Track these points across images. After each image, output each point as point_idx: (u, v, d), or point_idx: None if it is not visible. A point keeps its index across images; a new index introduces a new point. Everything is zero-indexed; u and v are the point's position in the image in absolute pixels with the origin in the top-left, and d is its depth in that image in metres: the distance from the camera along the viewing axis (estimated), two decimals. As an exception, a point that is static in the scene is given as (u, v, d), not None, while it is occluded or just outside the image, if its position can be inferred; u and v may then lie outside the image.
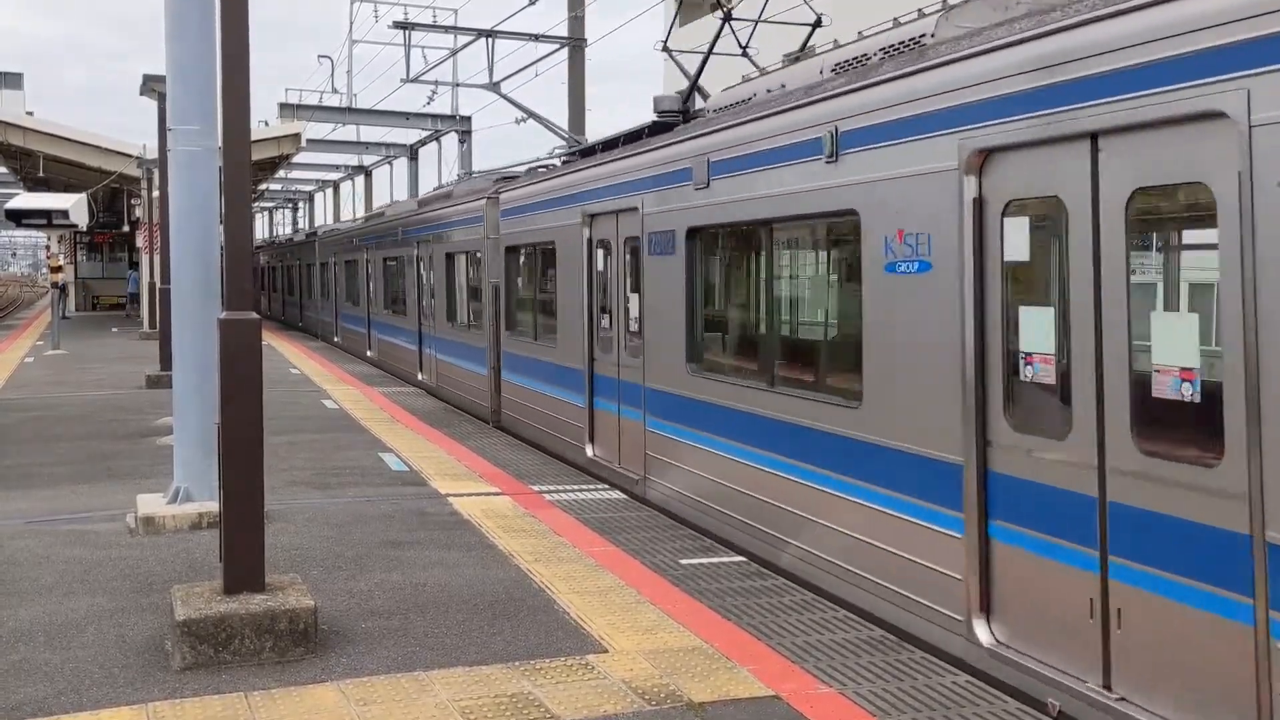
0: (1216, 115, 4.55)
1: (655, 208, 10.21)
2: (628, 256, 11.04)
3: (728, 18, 11.41)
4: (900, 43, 7.41)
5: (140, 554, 8.22)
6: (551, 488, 10.65)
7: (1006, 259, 5.82)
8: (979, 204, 5.93)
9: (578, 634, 6.46)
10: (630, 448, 10.86)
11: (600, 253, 11.86)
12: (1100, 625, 5.25)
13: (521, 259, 14.72)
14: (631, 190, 10.77)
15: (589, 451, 11.99)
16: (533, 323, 14.22)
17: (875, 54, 7.70)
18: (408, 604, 7.01)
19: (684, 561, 7.99)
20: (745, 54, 12.11)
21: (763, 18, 11.75)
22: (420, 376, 20.36)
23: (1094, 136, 5.19)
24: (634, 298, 10.89)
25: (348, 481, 11.04)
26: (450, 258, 18.02)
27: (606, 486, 10.77)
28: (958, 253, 6.07)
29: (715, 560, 8.04)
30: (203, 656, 5.91)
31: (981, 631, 5.97)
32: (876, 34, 7.88)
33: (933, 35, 7.05)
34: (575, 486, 10.74)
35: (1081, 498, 5.33)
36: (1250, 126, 4.38)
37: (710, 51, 11.38)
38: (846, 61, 8.00)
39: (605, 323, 11.64)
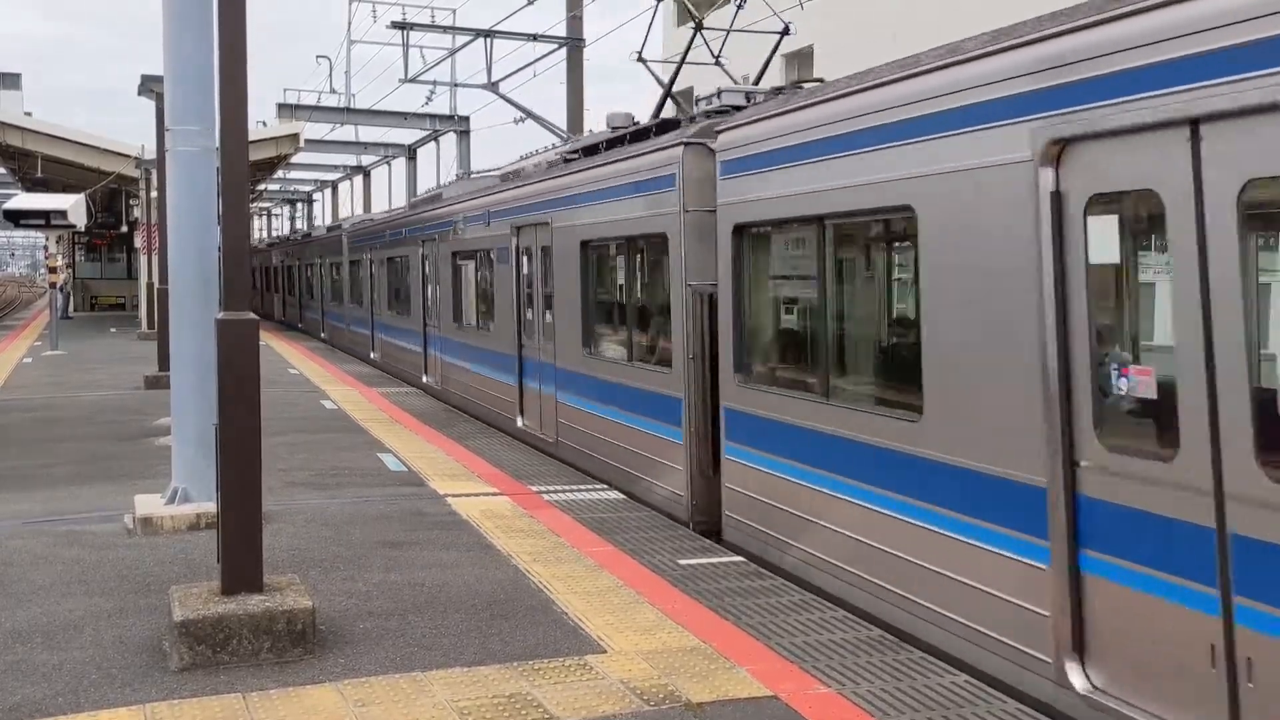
0: (548, 223, 12.48)
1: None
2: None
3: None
4: (515, 170, 15.64)
5: (138, 555, 8.22)
6: (550, 488, 10.65)
7: (523, 272, 13.73)
8: (518, 248, 13.76)
9: (576, 634, 6.46)
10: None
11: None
12: (561, 423, 12.56)
13: (361, 268, 26.51)
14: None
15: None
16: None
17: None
18: (406, 604, 7.01)
19: (682, 562, 8.00)
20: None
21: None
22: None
23: (539, 225, 12.98)
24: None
25: (346, 482, 11.05)
26: (332, 264, 30.99)
27: (605, 486, 10.78)
28: (513, 268, 13.91)
29: (714, 560, 8.05)
30: (201, 657, 5.91)
31: (519, 421, 13.82)
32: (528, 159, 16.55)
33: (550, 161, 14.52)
34: (573, 486, 10.74)
35: (549, 366, 12.74)
36: (553, 229, 12.32)
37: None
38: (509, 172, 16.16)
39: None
